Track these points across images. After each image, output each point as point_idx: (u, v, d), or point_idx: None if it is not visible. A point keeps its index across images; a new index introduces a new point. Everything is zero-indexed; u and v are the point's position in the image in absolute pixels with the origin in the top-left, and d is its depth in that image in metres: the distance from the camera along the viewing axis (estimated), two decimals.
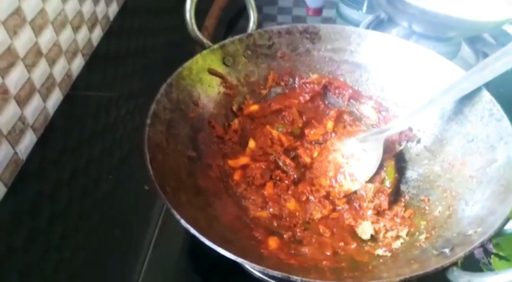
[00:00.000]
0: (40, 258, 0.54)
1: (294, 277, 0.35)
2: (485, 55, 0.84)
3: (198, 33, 0.56)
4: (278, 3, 0.95)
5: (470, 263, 0.54)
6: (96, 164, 0.67)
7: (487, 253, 0.56)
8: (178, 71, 0.54)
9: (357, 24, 0.86)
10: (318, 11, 0.98)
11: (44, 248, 0.55)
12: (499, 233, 0.40)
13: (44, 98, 0.72)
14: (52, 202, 0.61)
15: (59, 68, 0.77)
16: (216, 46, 0.58)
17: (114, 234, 0.57)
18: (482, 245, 0.42)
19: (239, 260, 0.36)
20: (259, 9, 0.64)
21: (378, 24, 0.84)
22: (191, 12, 0.54)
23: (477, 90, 0.53)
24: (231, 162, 0.56)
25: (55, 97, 0.76)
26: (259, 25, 0.63)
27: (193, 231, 0.38)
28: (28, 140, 0.68)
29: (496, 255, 0.57)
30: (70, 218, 0.59)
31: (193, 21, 0.54)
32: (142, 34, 0.95)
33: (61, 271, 0.53)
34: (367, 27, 0.83)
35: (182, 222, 0.39)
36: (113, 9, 0.98)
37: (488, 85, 0.53)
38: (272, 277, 0.47)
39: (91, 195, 0.62)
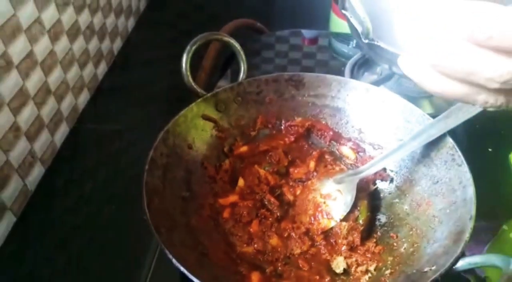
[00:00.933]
0: None
1: None
2: None
3: (193, 84, 0.62)
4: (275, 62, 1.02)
5: None
6: (100, 192, 0.71)
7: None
8: (175, 119, 0.59)
9: (347, 57, 0.93)
10: (314, 41, 1.05)
11: (49, 274, 0.59)
12: (450, 271, 0.46)
13: (52, 132, 0.77)
14: (58, 230, 0.65)
15: (66, 104, 0.81)
16: (209, 95, 0.64)
17: (115, 263, 0.61)
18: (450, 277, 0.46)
19: None
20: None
21: (364, 62, 0.91)
22: (186, 65, 0.60)
23: (442, 136, 0.58)
24: (221, 200, 0.61)
25: (62, 131, 0.81)
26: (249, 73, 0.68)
27: (183, 269, 0.43)
28: (37, 172, 0.72)
29: None
30: (75, 245, 0.63)
31: (189, 73, 0.60)
32: (144, 66, 1.00)
33: None
34: (354, 64, 0.89)
35: (174, 261, 0.44)
36: (117, 45, 1.03)
37: (465, 122, 0.58)
38: None
39: (94, 223, 0.66)
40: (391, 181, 0.64)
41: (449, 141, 0.58)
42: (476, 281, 0.59)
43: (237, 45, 0.65)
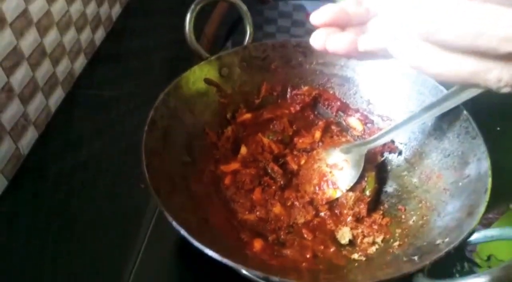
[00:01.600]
0: (38, 251, 0.56)
1: (273, 277, 0.39)
2: None
3: (196, 45, 0.59)
4: (277, 23, 0.98)
5: (444, 268, 0.57)
6: (96, 160, 0.69)
7: (461, 259, 0.59)
8: (176, 81, 0.57)
9: None
10: None
11: (42, 241, 0.57)
12: (464, 243, 0.44)
13: (47, 96, 0.74)
14: (51, 197, 0.63)
15: (62, 68, 0.79)
16: (213, 58, 0.61)
17: (110, 229, 0.59)
18: (457, 251, 0.45)
19: (224, 261, 0.39)
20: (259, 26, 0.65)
21: None
22: (190, 25, 0.57)
23: (456, 108, 0.56)
24: (223, 167, 0.59)
25: (57, 95, 0.78)
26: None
27: (183, 232, 0.41)
28: (30, 136, 0.70)
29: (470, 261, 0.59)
30: (68, 212, 0.61)
31: (192, 34, 0.57)
32: (143, 34, 0.97)
33: (58, 265, 0.55)
34: None
35: (174, 223, 0.42)
36: (116, 10, 1.00)
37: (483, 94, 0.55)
38: (260, 278, 0.50)
39: (89, 190, 0.64)
40: (400, 153, 0.62)
41: (464, 113, 0.56)
42: (481, 259, 0.58)
43: (243, 6, 0.62)
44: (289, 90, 0.67)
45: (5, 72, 0.63)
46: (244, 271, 0.39)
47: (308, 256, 0.50)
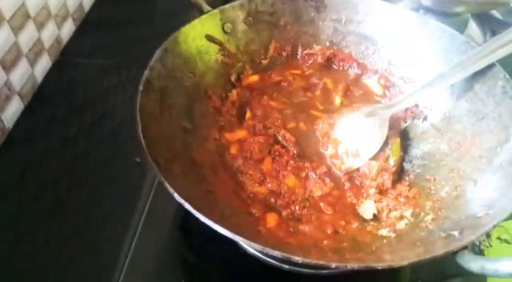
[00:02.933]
0: (29, 228, 0.53)
1: (296, 258, 0.33)
2: (493, 33, 0.82)
3: None
4: None
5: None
6: (86, 134, 0.65)
7: (488, 235, 0.54)
8: (174, 36, 0.51)
9: None
10: None
11: (33, 218, 0.54)
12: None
13: (32, 64, 0.69)
14: (40, 172, 0.59)
15: (48, 33, 0.73)
16: (215, 10, 0.55)
17: (104, 206, 0.56)
18: None
19: (236, 238, 0.34)
20: None
21: None
22: None
23: (490, 66, 0.50)
24: (227, 135, 0.53)
25: (44, 64, 0.73)
26: None
27: (187, 206, 0.35)
28: (15, 107, 0.65)
29: (498, 238, 0.55)
30: (59, 189, 0.57)
31: None
32: (136, 1, 0.90)
33: (50, 241, 0.52)
34: None
35: (176, 196, 0.36)
36: None
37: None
38: (269, 256, 0.45)
39: (81, 166, 0.61)
40: (425, 118, 0.56)
41: (500, 70, 0.50)
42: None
43: None
44: (300, 49, 0.62)
45: None
46: (251, 249, 0.33)
47: (329, 232, 0.44)
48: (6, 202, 0.55)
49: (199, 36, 0.54)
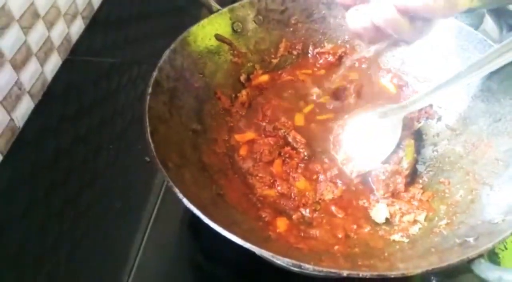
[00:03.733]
0: (39, 227, 0.53)
1: (306, 265, 0.32)
2: (510, 28, 0.79)
3: None
4: None
5: None
6: (96, 133, 0.65)
7: None
8: (183, 36, 0.50)
9: None
10: None
11: (43, 217, 0.54)
12: None
13: (42, 63, 0.69)
14: (51, 171, 0.59)
15: (58, 32, 0.73)
16: (224, 9, 0.54)
17: (114, 205, 0.56)
18: None
19: (247, 245, 0.33)
20: None
21: None
22: None
23: (508, 65, 0.49)
24: (237, 136, 0.53)
25: (54, 62, 0.73)
26: None
27: (196, 211, 0.35)
28: (25, 107, 0.66)
29: None
30: (70, 188, 0.57)
31: None
32: None
33: (60, 241, 0.52)
34: None
35: (185, 201, 0.35)
36: None
37: None
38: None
39: (91, 165, 0.60)
40: (439, 119, 0.55)
41: None
42: None
43: None
44: (311, 48, 0.61)
45: None
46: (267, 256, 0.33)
47: (340, 236, 0.43)
48: (17, 200, 0.55)
49: (208, 35, 0.54)
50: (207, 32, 0.54)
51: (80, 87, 0.72)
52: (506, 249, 0.53)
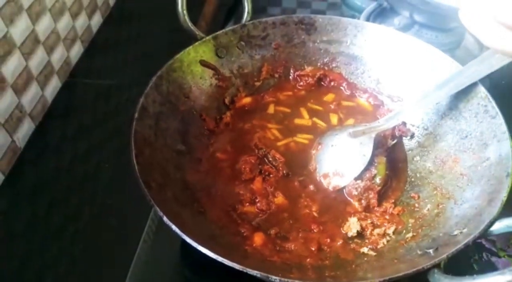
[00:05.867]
0: (39, 245, 0.54)
1: (273, 277, 0.35)
2: None
3: (190, 24, 0.55)
4: (282, 4, 0.93)
5: (460, 258, 0.53)
6: (96, 152, 0.66)
7: (479, 249, 0.55)
8: (169, 64, 0.53)
9: (361, 11, 0.84)
10: None
11: (43, 235, 0.55)
12: (485, 234, 0.39)
13: (42, 86, 0.72)
14: (51, 190, 0.61)
15: (57, 56, 0.76)
16: (208, 37, 0.57)
17: (113, 223, 0.57)
18: (475, 242, 0.41)
19: (219, 259, 0.36)
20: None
21: (380, 13, 0.82)
22: (183, 2, 0.53)
23: (473, 85, 0.52)
24: (220, 155, 0.55)
25: (53, 85, 0.75)
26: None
27: (174, 228, 0.38)
28: (26, 128, 0.68)
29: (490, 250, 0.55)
30: (69, 205, 0.59)
31: (185, 12, 0.54)
32: (142, 20, 0.93)
33: (60, 259, 0.53)
34: (369, 15, 0.81)
35: (165, 219, 0.39)
36: None
37: (490, 77, 0.52)
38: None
39: (91, 183, 0.62)
40: (412, 136, 0.58)
41: (482, 90, 0.51)
42: (501, 248, 0.53)
43: None
44: (291, 71, 0.63)
45: None
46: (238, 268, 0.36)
47: (313, 249, 0.46)
48: (19, 217, 0.57)
49: (193, 62, 0.56)
50: (192, 58, 0.56)
51: (79, 108, 0.74)
52: None
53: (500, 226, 0.40)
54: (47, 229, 0.56)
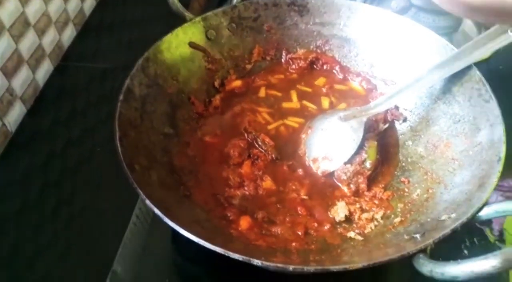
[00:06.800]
0: (32, 228, 0.54)
1: (256, 261, 0.35)
2: (488, 28, 0.81)
3: (178, 5, 0.54)
4: None
5: (451, 244, 0.52)
6: (89, 136, 0.66)
7: (471, 234, 0.54)
8: (156, 45, 0.52)
9: None
10: None
11: (36, 220, 0.55)
12: (473, 219, 0.39)
13: (33, 69, 0.71)
14: (43, 174, 0.61)
15: (49, 39, 0.75)
16: (198, 18, 0.56)
17: (106, 210, 0.57)
18: (466, 227, 0.40)
19: (201, 242, 0.35)
20: None
21: None
22: None
23: (467, 69, 0.51)
24: (208, 139, 0.55)
25: (45, 69, 0.74)
26: None
27: (157, 211, 0.37)
28: (17, 112, 0.67)
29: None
30: (62, 190, 0.58)
31: None
32: (137, 3, 0.91)
33: (53, 244, 0.53)
34: None
35: (147, 202, 0.38)
36: None
37: (488, 62, 0.50)
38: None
39: (84, 168, 0.61)
40: (404, 120, 0.57)
41: (476, 73, 0.50)
42: (492, 233, 0.53)
43: None
44: (283, 54, 0.63)
45: None
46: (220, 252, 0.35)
47: (300, 233, 0.46)
48: (10, 204, 0.56)
49: (182, 43, 0.55)
50: (181, 40, 0.55)
51: (72, 92, 0.73)
52: None
53: (489, 211, 0.39)
54: (40, 213, 0.56)
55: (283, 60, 0.62)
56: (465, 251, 0.51)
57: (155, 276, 0.50)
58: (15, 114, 0.67)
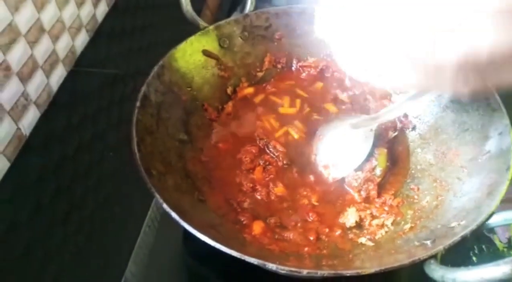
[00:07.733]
0: (44, 232, 0.55)
1: (270, 265, 0.36)
2: None
3: (193, 13, 0.55)
4: None
5: (460, 251, 0.53)
6: (101, 140, 0.67)
7: (479, 241, 0.55)
8: (171, 53, 0.53)
9: None
10: None
11: (48, 222, 0.56)
12: (482, 227, 0.40)
13: (48, 74, 0.72)
14: (56, 177, 0.62)
15: (63, 45, 0.76)
16: (211, 27, 0.57)
17: (118, 210, 0.57)
18: (474, 234, 0.41)
19: (218, 246, 0.36)
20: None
21: None
22: None
23: None
24: (221, 145, 0.56)
25: (59, 74, 0.76)
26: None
27: (174, 215, 0.38)
28: (32, 116, 0.68)
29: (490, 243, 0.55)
30: (75, 193, 0.59)
31: (188, 1, 0.53)
32: (148, 9, 0.93)
33: (65, 246, 0.54)
34: None
35: (165, 206, 0.39)
36: None
37: None
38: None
39: (96, 171, 0.62)
40: (413, 128, 0.57)
41: None
42: (500, 241, 0.54)
43: None
44: (294, 62, 0.63)
45: (1, 50, 0.61)
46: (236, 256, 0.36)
47: (311, 238, 0.47)
48: (24, 205, 0.57)
49: (196, 52, 0.57)
50: (195, 48, 0.57)
51: (84, 97, 0.74)
52: None
53: (498, 219, 0.40)
54: (52, 216, 0.56)
55: (293, 68, 0.63)
56: (474, 258, 0.51)
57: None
58: (30, 118, 0.68)
